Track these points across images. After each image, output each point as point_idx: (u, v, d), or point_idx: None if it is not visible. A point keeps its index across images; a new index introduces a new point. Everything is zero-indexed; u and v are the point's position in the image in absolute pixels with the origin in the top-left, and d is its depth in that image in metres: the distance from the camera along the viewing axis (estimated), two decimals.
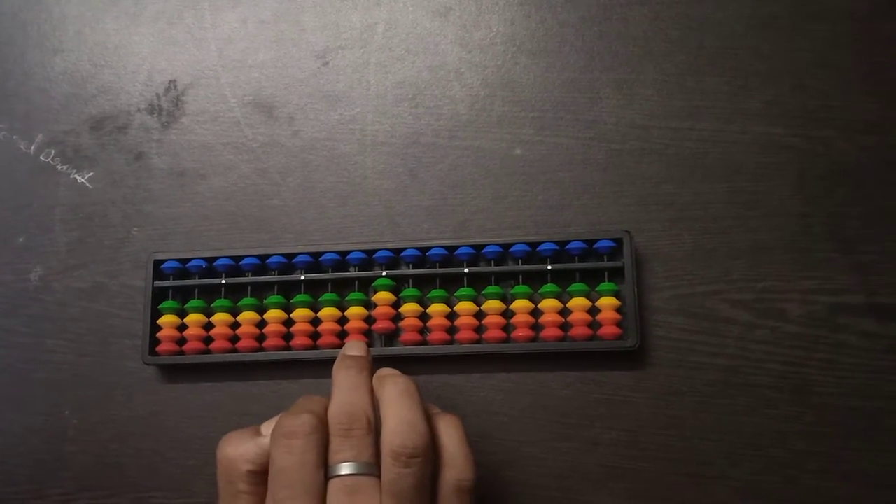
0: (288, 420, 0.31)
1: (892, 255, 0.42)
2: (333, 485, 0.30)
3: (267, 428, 0.33)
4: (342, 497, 0.30)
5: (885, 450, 0.40)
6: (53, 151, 0.50)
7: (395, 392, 0.32)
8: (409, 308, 0.43)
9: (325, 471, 0.31)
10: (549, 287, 0.43)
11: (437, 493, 0.31)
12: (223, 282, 0.45)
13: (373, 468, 0.31)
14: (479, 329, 0.43)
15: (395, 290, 0.44)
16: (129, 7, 0.52)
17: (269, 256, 0.45)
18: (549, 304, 0.42)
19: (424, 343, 0.43)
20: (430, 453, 0.31)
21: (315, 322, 0.44)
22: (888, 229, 0.43)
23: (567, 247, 0.43)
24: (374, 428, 0.31)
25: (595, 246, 0.43)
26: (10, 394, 0.47)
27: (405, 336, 0.43)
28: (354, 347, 0.37)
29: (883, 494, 0.40)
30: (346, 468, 0.30)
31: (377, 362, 0.43)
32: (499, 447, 0.42)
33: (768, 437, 0.41)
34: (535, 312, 0.43)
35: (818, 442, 0.41)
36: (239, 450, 0.32)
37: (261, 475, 0.32)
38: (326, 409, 0.32)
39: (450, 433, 0.33)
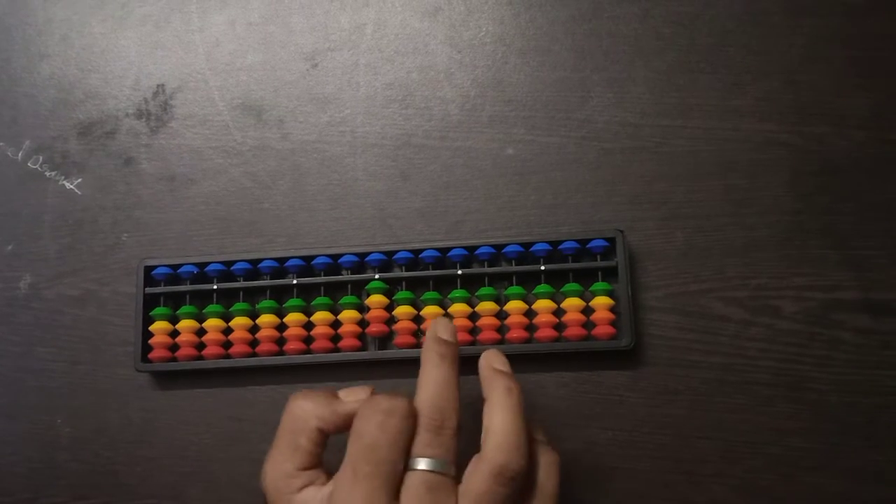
0: (387, 398, 0.31)
1: (886, 250, 0.42)
2: (413, 477, 0.30)
3: (347, 394, 0.33)
4: (422, 491, 0.30)
5: (880, 446, 0.40)
6: (41, 158, 0.50)
7: (507, 405, 0.31)
8: (402, 311, 0.43)
9: (405, 459, 0.30)
10: (542, 287, 0.42)
11: None
12: (215, 287, 0.45)
13: (452, 469, 0.31)
14: (473, 331, 0.43)
15: (389, 293, 0.44)
16: (116, 11, 0.51)
17: (260, 261, 0.45)
18: (542, 305, 0.42)
19: (418, 346, 0.43)
20: (525, 477, 0.31)
21: (308, 326, 0.44)
22: (882, 225, 0.42)
23: (560, 247, 0.43)
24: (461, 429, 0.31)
25: (588, 245, 0.42)
26: (2, 402, 0.47)
27: (399, 339, 0.43)
28: (445, 329, 0.34)
29: (879, 491, 0.40)
30: (429, 464, 0.30)
31: (370, 367, 0.43)
32: None
33: (764, 434, 0.41)
34: (529, 313, 0.43)
35: (814, 439, 0.41)
36: (315, 406, 0.32)
37: (325, 437, 0.32)
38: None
39: (550, 473, 0.32)
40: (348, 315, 0.43)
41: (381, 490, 0.29)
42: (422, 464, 0.30)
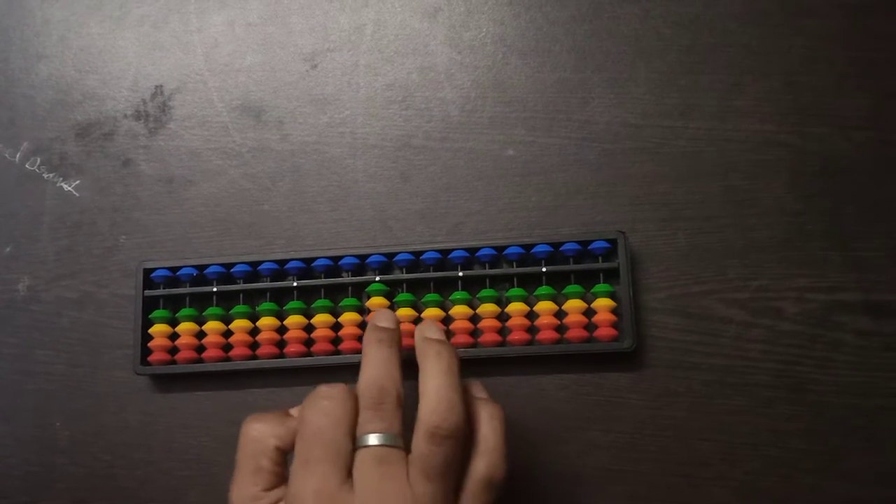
0: (326, 386, 0.32)
1: (887, 251, 0.42)
2: (362, 454, 0.31)
3: (297, 411, 0.34)
4: (371, 466, 0.30)
5: (881, 448, 0.40)
6: (39, 159, 0.49)
7: (437, 368, 0.32)
8: (403, 313, 0.43)
9: (353, 441, 0.31)
10: (544, 289, 0.42)
11: (465, 479, 0.32)
12: (214, 289, 0.45)
13: (400, 441, 0.31)
14: (474, 333, 0.43)
15: (389, 295, 0.44)
16: (114, 11, 0.51)
17: (260, 263, 0.44)
18: (544, 307, 0.42)
19: None
20: (464, 435, 0.31)
21: (308, 329, 0.44)
22: (882, 226, 0.42)
23: (561, 248, 0.42)
24: (403, 402, 0.32)
25: (590, 247, 0.42)
26: (0, 406, 0.46)
27: None
28: (385, 318, 0.36)
29: (880, 493, 0.40)
30: (375, 439, 0.31)
31: None
32: None
33: (765, 436, 0.41)
34: (531, 315, 0.43)
35: (815, 441, 0.41)
36: (269, 426, 0.33)
37: (284, 455, 0.33)
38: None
39: (492, 425, 0.33)
40: (349, 317, 0.43)
41: (333, 471, 0.30)
42: (368, 440, 0.31)
